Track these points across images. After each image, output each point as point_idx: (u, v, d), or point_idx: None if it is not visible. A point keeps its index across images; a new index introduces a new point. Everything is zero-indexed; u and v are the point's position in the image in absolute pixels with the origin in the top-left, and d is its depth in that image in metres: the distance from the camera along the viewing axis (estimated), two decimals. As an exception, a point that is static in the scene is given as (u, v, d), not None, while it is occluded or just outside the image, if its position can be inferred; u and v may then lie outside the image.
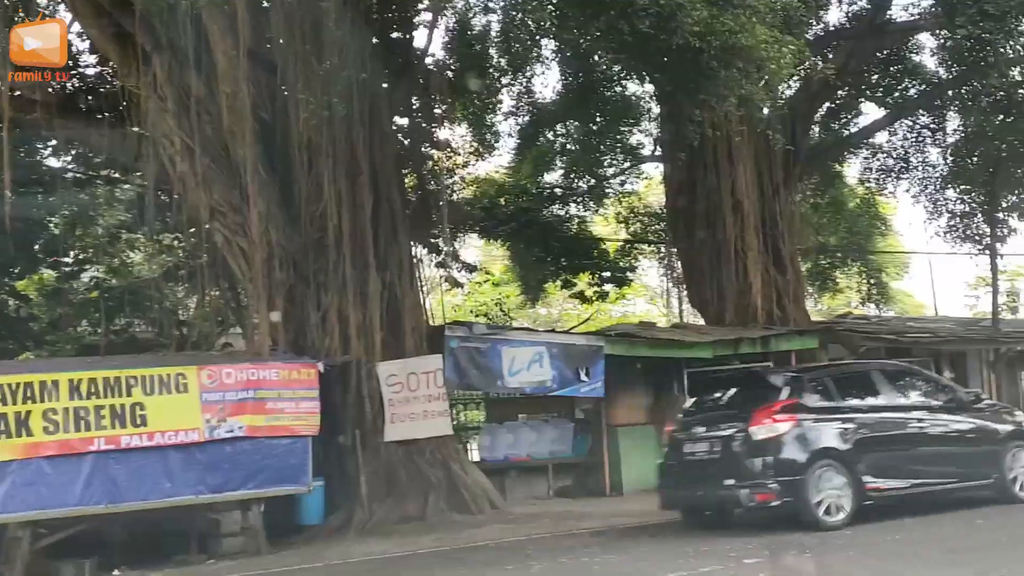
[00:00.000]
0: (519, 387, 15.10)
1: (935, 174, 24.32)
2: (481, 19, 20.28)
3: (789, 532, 10.95)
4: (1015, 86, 20.46)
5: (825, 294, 30.71)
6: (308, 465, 12.66)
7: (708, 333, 16.82)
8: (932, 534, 10.81)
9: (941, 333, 19.61)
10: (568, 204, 26.22)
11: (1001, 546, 9.84)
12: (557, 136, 24.50)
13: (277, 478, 12.46)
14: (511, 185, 25.35)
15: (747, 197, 17.60)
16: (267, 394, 12.53)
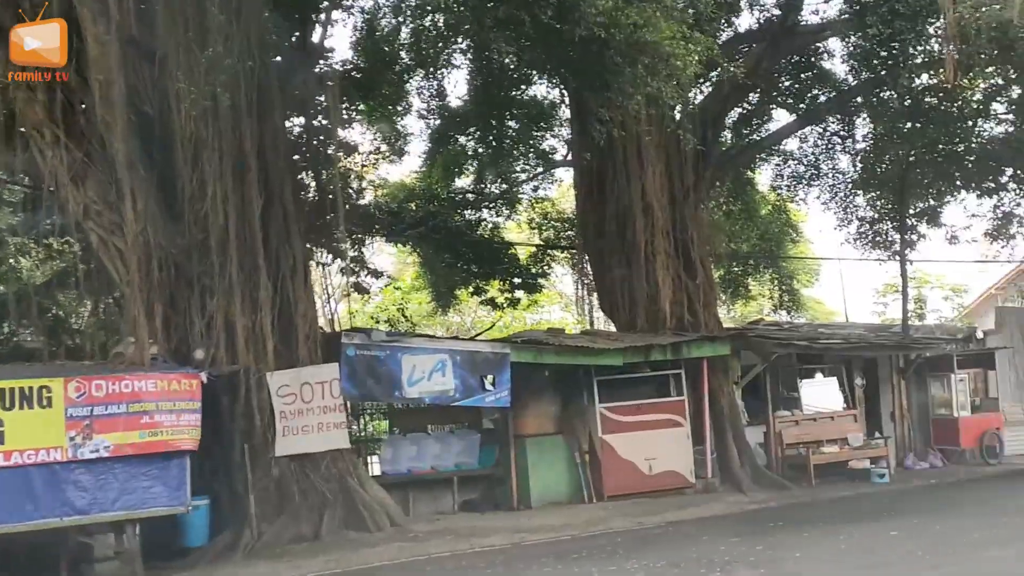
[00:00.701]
0: (420, 397, 14.35)
1: (845, 181, 24.46)
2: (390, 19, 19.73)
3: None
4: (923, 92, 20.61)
5: (738, 301, 30.64)
6: (187, 483, 11.76)
7: (618, 340, 16.28)
8: None
9: (852, 339, 19.41)
10: (480, 209, 25.70)
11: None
12: (469, 140, 23.96)
13: (153, 497, 11.55)
14: (421, 189, 24.67)
15: (657, 201, 17.14)
16: (144, 407, 11.62)
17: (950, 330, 22.85)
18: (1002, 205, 23.24)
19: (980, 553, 9.99)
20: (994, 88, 21.64)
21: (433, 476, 15.68)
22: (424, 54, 19.21)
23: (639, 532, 13.28)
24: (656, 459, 16.17)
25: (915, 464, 19.45)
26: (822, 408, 18.98)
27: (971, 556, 9.90)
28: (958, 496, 15.59)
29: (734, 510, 14.90)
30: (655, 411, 16.42)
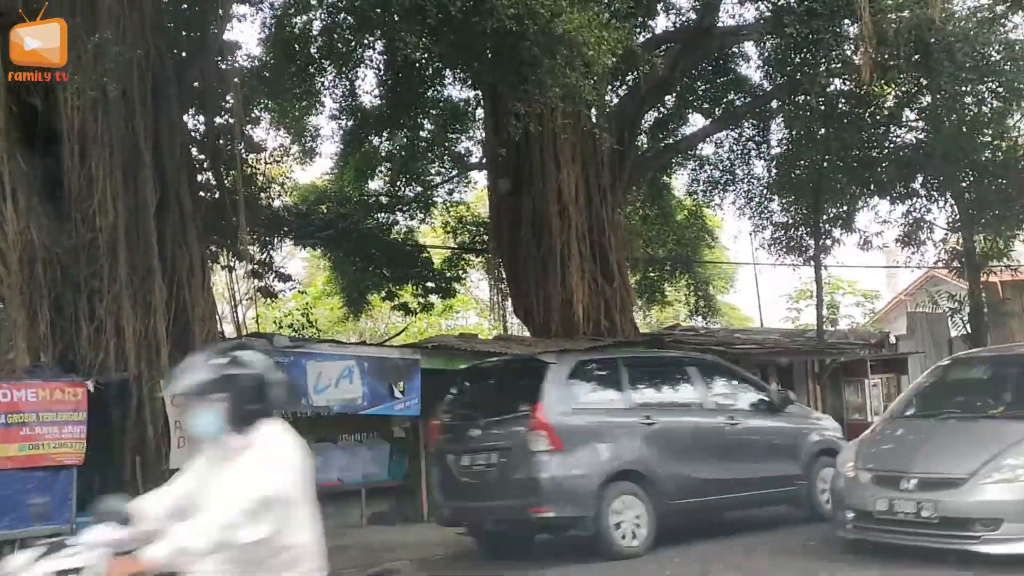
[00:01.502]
0: (326, 405, 13.68)
1: (760, 186, 24.52)
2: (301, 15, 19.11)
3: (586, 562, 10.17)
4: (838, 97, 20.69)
5: (654, 307, 30.57)
6: (72, 499, 10.95)
7: (532, 345, 15.84)
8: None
9: (768, 344, 19.32)
10: (394, 212, 25.17)
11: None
12: (382, 141, 23.46)
13: (33, 516, 10.69)
14: (333, 192, 24.03)
15: (573, 203, 16.77)
16: (22, 418, 10.78)
17: (864, 335, 23.00)
18: (914, 211, 23.55)
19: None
20: (906, 95, 21.93)
21: (340, 488, 15.01)
22: (336, 51, 18.69)
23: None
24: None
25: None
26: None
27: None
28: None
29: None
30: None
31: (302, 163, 24.44)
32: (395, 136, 23.32)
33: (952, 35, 13.35)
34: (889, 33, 13.10)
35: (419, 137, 23.55)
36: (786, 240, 24.06)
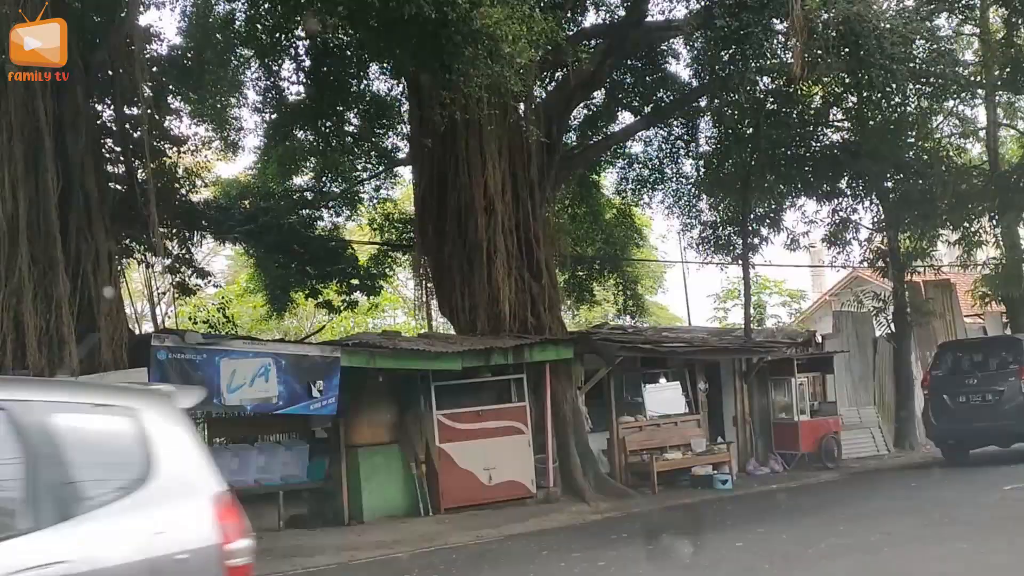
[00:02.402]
0: (240, 405, 13.12)
1: (689, 185, 24.51)
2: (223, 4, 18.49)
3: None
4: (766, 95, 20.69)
5: (582, 306, 30.37)
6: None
7: (457, 343, 15.46)
8: None
9: (696, 343, 19.17)
10: (319, 209, 24.57)
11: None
12: (308, 136, 22.86)
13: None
14: (256, 187, 23.33)
15: (500, 198, 16.40)
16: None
17: (790, 334, 23.04)
18: (840, 210, 23.74)
19: (828, 565, 9.59)
20: (834, 95, 22.06)
21: (257, 491, 14.43)
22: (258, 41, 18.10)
23: (476, 547, 12.50)
24: (496, 468, 15.42)
25: (757, 469, 19.38)
26: (666, 413, 18.70)
27: (819, 569, 9.51)
28: (800, 502, 15.39)
29: (576, 521, 14.30)
30: (496, 418, 15.69)
31: (225, 157, 23.78)
32: (320, 130, 22.76)
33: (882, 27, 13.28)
34: (819, 26, 12.99)
35: (345, 132, 22.96)
36: (714, 239, 24.09)
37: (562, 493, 15.96)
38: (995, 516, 12.00)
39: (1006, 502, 13.31)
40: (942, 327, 25.65)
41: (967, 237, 25.15)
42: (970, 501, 13.47)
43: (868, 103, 21.91)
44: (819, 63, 13.83)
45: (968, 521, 11.71)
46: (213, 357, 12.84)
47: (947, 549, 9.71)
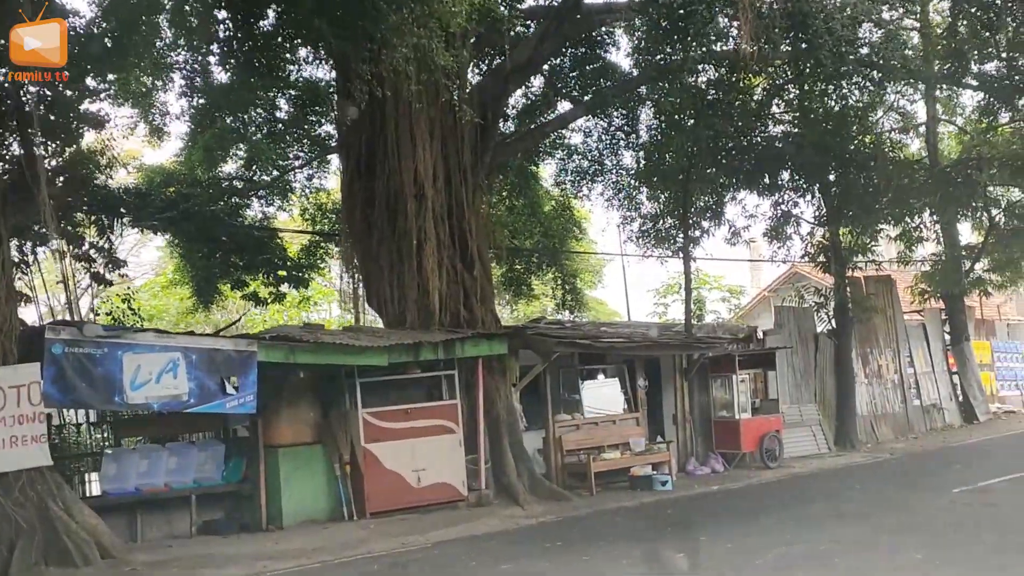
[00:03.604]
0: (146, 403, 12.12)
1: (629, 177, 23.95)
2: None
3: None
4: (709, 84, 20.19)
5: (521, 300, 29.69)
6: None
7: (384, 337, 14.58)
8: None
9: (636, 338, 18.51)
10: (249, 198, 23.47)
11: None
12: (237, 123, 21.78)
13: None
14: (182, 174, 22.15)
15: (431, 183, 15.57)
16: None
17: (732, 329, 22.51)
18: (782, 203, 23.30)
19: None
20: (775, 87, 21.61)
21: (167, 494, 13.46)
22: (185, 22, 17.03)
23: (401, 555, 11.65)
24: (425, 470, 14.60)
25: (697, 469, 18.80)
26: (604, 411, 18.04)
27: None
28: (743, 506, 14.77)
29: (509, 526, 13.51)
30: (425, 416, 14.85)
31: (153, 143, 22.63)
32: (249, 116, 21.74)
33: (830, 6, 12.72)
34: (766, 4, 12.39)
35: (276, 119, 21.82)
36: (654, 232, 23.55)
37: (495, 495, 15.20)
38: (948, 522, 11.49)
39: (957, 507, 12.83)
40: (883, 323, 25.39)
41: (907, 233, 25.00)
42: (920, 505, 12.97)
43: (811, 95, 21.61)
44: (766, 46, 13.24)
45: (920, 528, 11.19)
46: (115, 351, 11.84)
47: (902, 559, 9.15)
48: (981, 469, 16.58)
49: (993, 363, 30.09)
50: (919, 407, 25.99)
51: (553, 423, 16.94)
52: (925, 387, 26.57)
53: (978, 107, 24.81)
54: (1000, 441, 22.60)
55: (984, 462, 18.00)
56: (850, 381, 23.13)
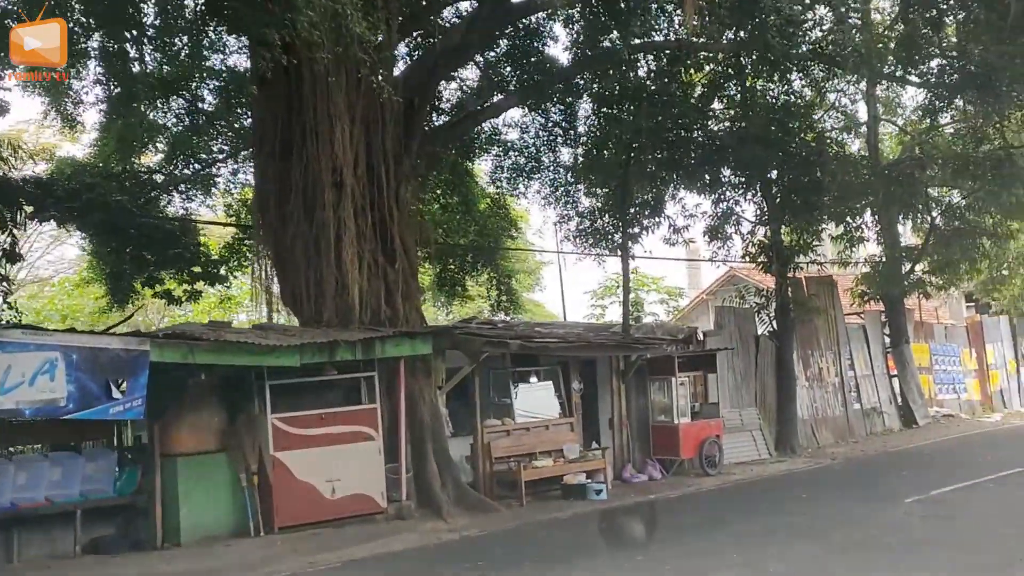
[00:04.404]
0: (16, 408, 10.75)
1: (567, 174, 23.17)
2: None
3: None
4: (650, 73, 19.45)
5: (456, 301, 28.70)
6: None
7: (296, 335, 13.37)
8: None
9: (571, 339, 17.50)
10: (170, 192, 22.14)
11: None
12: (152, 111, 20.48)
13: None
14: (95, 165, 20.73)
15: (351, 169, 14.42)
16: None
17: (671, 330, 21.62)
18: (723, 200, 22.61)
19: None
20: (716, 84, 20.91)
21: (49, 509, 12.10)
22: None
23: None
24: (341, 480, 13.42)
25: (633, 477, 17.86)
26: (537, 416, 17.05)
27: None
28: (682, 519, 13.75)
29: (430, 541, 12.38)
30: (341, 422, 13.67)
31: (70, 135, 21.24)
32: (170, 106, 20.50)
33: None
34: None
35: (199, 110, 20.76)
36: (592, 231, 22.74)
37: (417, 507, 14.06)
38: (905, 539, 10.59)
39: (913, 519, 11.99)
40: (824, 325, 24.80)
41: (849, 233, 24.46)
42: (873, 518, 12.08)
43: (753, 92, 20.99)
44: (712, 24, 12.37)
45: (876, 544, 10.30)
46: (-18, 350, 10.51)
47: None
48: (930, 477, 15.92)
49: (931, 366, 29.75)
50: (859, 411, 25.45)
51: (482, 429, 15.89)
52: (865, 390, 26.05)
53: (919, 107, 24.46)
54: (942, 446, 22.05)
55: (931, 469, 17.36)
56: (791, 384, 22.46)
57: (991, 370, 32.60)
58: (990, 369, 32.57)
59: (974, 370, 31.97)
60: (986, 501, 13.48)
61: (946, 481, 14.71)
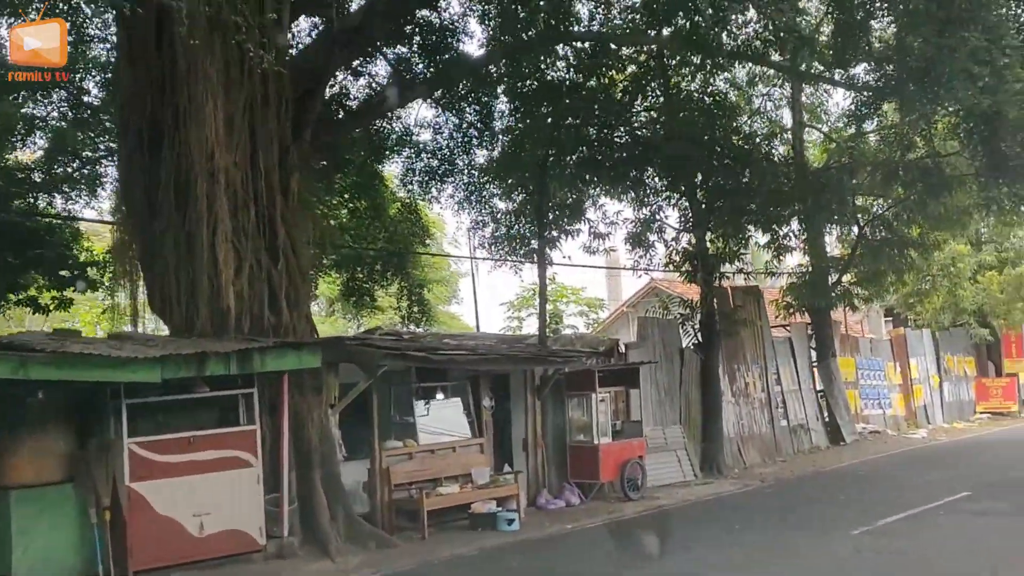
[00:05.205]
0: None
1: (482, 176, 21.77)
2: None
3: None
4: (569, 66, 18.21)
5: (364, 312, 27.00)
6: None
7: (158, 346, 11.51)
8: None
9: (481, 351, 15.89)
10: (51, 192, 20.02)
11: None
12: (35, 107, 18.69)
13: None
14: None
15: (228, 154, 12.61)
16: None
17: (591, 342, 20.15)
18: (647, 204, 21.36)
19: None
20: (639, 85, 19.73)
21: None
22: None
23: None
24: (211, 514, 11.55)
25: (549, 503, 16.33)
26: (444, 436, 15.43)
27: None
28: (601, 556, 12.21)
29: (312, 587, 10.69)
30: (213, 446, 11.80)
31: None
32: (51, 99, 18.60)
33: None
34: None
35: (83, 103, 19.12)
36: (508, 237, 21.33)
37: (301, 544, 12.26)
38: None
39: (864, 556, 10.64)
40: (750, 337, 23.66)
41: (776, 241, 23.41)
42: (820, 554, 10.70)
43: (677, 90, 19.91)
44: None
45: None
46: None
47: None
48: (872, 503, 14.69)
49: (857, 380, 28.93)
50: (786, 427, 24.36)
51: (380, 451, 14.20)
52: (792, 406, 24.98)
53: (845, 113, 23.66)
54: (874, 465, 21.01)
55: (870, 493, 16.16)
56: (717, 400, 21.24)
57: (915, 385, 31.99)
58: (914, 384, 31.95)
59: (899, 384, 31.28)
60: (938, 533, 12.23)
61: (891, 509, 13.44)
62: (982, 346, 36.81)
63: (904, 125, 20.67)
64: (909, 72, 15.56)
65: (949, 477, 17.22)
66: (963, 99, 14.39)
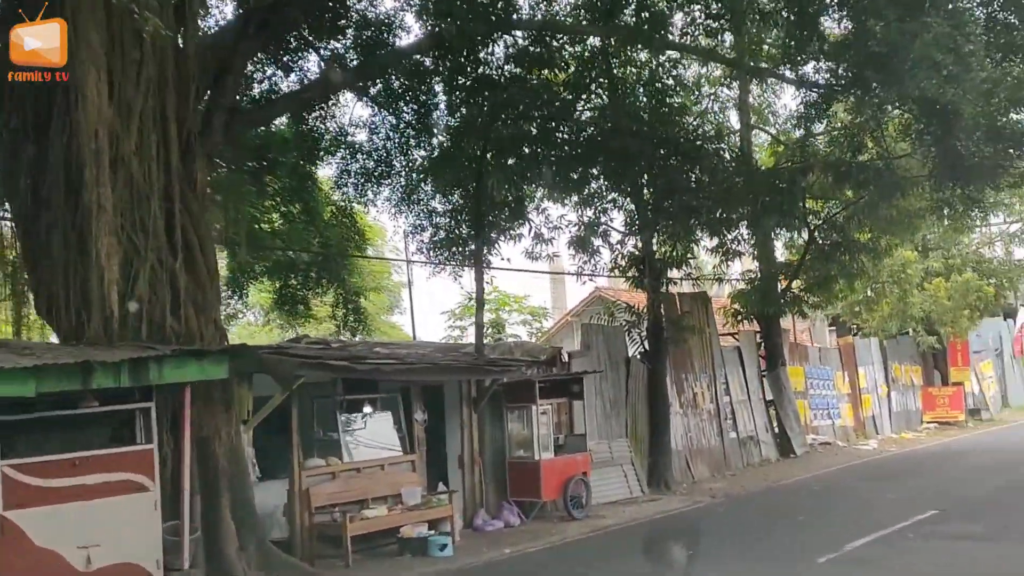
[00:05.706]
0: None
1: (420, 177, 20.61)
2: None
3: None
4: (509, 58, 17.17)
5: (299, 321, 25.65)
6: None
7: (34, 355, 10.14)
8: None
9: (411, 360, 14.68)
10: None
11: None
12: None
13: None
14: None
15: (123, 138, 11.28)
16: None
17: (532, 350, 18.99)
18: (592, 205, 20.34)
19: None
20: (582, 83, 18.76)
21: None
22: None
23: None
24: (100, 546, 10.14)
25: (487, 524, 15.17)
26: (372, 453, 14.20)
27: None
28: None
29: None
30: (102, 468, 10.40)
31: None
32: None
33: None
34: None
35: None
36: (446, 243, 20.17)
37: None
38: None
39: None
40: (698, 346, 22.74)
41: (724, 245, 22.53)
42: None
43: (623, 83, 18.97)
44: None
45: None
46: None
47: None
48: (832, 523, 13.77)
49: (807, 390, 28.18)
50: (736, 440, 23.51)
51: (300, 471, 12.93)
52: (741, 417, 24.13)
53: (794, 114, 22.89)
54: (827, 479, 20.13)
55: (830, 512, 15.24)
56: (665, 411, 20.26)
57: (864, 394, 31.39)
58: (863, 393, 31.34)
59: (847, 394, 30.64)
60: (913, 559, 11.14)
61: (856, 531, 12.37)
62: (929, 354, 36.43)
63: (854, 127, 20.00)
64: (869, 58, 14.74)
65: (910, 493, 16.38)
66: (927, 88, 13.55)
